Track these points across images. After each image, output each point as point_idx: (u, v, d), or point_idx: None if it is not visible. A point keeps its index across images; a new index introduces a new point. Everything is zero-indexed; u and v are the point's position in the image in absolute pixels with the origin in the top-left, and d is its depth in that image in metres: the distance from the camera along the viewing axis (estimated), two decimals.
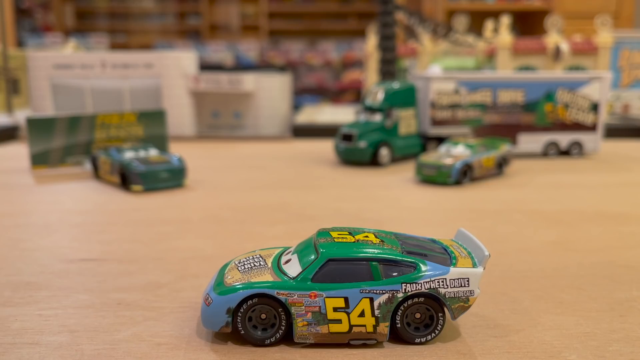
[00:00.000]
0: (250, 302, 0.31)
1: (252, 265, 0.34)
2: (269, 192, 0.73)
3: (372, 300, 0.31)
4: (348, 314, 0.31)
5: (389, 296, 0.31)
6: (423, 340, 0.32)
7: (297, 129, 1.31)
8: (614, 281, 0.41)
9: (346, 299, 0.31)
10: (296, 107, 2.09)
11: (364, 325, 0.31)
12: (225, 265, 0.35)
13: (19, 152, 1.06)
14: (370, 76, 1.74)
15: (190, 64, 1.31)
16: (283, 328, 0.31)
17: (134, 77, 1.27)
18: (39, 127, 0.84)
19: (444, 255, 0.33)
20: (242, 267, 0.34)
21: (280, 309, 0.31)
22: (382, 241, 0.34)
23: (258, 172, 0.87)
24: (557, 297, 0.38)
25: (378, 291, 0.31)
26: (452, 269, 0.32)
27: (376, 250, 0.33)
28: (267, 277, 0.32)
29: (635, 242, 0.51)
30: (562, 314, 0.35)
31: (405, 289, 0.31)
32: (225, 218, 0.60)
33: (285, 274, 0.32)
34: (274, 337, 0.31)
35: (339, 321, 0.31)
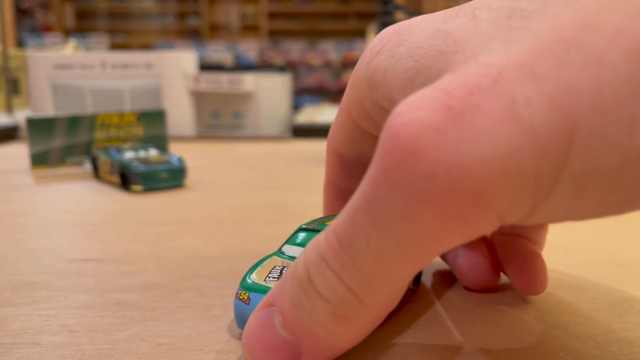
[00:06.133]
0: None
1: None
2: (269, 192, 0.73)
3: None
4: None
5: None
6: None
7: (297, 129, 1.32)
8: (614, 281, 0.41)
9: None
10: (296, 107, 2.09)
11: None
12: (257, 264, 0.33)
13: (19, 152, 1.06)
14: None
15: (190, 64, 1.31)
16: None
17: (134, 77, 1.27)
18: (39, 127, 0.84)
19: None
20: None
21: None
22: None
23: (258, 172, 0.87)
24: (557, 297, 0.38)
25: None
26: None
27: None
28: None
29: (635, 242, 0.51)
30: (562, 314, 0.35)
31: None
32: (225, 218, 0.60)
33: None
34: None
35: None
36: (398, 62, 0.27)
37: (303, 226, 0.35)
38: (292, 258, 0.32)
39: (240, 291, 0.30)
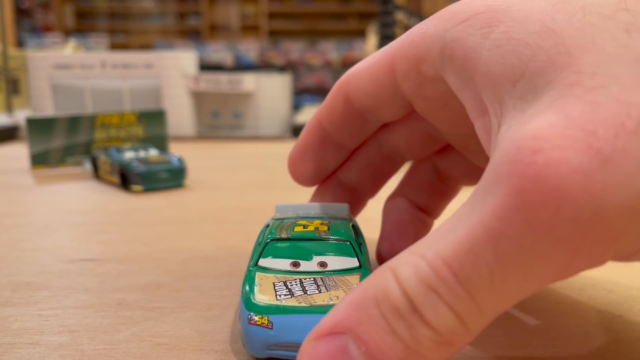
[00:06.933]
0: None
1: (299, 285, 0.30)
2: (269, 192, 0.73)
3: None
4: None
5: None
6: None
7: (297, 129, 1.32)
8: (614, 281, 0.41)
9: None
10: (296, 107, 2.09)
11: None
12: (250, 284, 0.30)
13: (19, 152, 1.06)
14: None
15: (190, 64, 1.31)
16: None
17: (134, 77, 1.27)
18: (39, 127, 0.84)
19: None
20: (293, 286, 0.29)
21: None
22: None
23: (258, 172, 0.87)
24: (557, 297, 0.38)
25: None
26: None
27: None
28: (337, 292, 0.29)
29: None
30: (562, 314, 0.35)
31: None
32: (225, 218, 0.60)
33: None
34: None
35: None
36: (495, 50, 0.24)
37: (270, 237, 0.34)
38: (281, 271, 0.31)
39: (254, 316, 0.27)
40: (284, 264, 0.32)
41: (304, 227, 0.35)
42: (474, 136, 0.31)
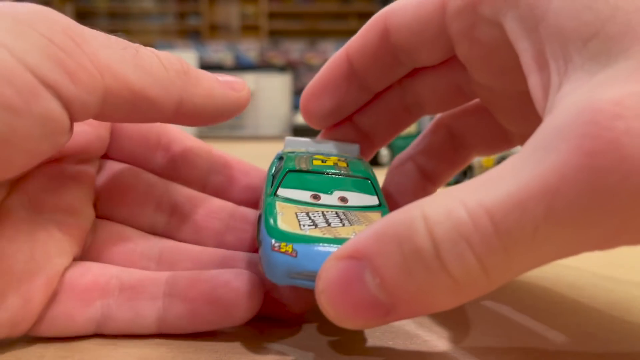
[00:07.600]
0: None
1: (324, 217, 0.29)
2: None
3: None
4: None
5: None
6: None
7: (297, 129, 1.32)
8: (614, 281, 0.41)
9: None
10: (296, 107, 2.09)
11: None
12: (273, 206, 0.29)
13: None
14: None
15: (191, 64, 1.31)
16: None
17: None
18: None
19: None
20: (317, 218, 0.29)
21: None
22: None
23: None
24: (557, 297, 0.38)
25: None
26: None
27: None
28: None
29: None
30: (562, 314, 0.35)
31: None
32: None
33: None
34: None
35: None
36: (569, 1, 0.23)
37: (289, 168, 0.33)
38: (302, 202, 0.30)
39: (277, 243, 0.26)
40: (305, 195, 0.31)
41: (322, 162, 0.34)
42: (510, 94, 0.30)
